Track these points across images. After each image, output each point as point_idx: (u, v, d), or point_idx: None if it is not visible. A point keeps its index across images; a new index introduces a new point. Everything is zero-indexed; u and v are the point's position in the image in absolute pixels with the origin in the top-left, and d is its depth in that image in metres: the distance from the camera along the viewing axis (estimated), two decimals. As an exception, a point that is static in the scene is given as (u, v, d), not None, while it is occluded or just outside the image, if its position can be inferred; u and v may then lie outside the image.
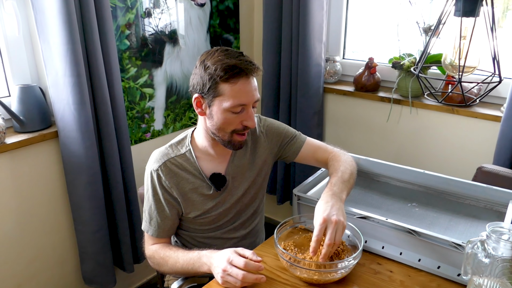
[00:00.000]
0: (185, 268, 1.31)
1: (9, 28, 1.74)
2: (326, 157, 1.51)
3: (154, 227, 1.40)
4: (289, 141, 1.54)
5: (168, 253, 1.36)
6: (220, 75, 1.24)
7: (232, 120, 1.30)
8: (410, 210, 1.49)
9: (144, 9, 2.04)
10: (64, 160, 1.82)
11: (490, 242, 1.01)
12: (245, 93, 1.28)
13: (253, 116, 1.33)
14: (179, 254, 1.33)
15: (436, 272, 1.22)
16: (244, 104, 1.29)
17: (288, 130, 1.56)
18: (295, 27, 2.28)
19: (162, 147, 1.43)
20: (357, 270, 1.25)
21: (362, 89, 2.32)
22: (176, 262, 1.33)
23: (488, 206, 1.48)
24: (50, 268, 1.98)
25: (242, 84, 1.26)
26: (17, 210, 1.81)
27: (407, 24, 2.15)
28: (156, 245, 1.41)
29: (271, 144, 1.53)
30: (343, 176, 1.36)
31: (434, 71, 2.20)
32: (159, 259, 1.38)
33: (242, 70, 1.25)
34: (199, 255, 1.28)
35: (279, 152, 1.55)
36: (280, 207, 2.83)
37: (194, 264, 1.29)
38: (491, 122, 1.97)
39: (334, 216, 1.18)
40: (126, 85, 2.05)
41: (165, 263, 1.36)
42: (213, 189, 1.41)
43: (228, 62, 1.25)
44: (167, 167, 1.38)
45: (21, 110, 1.75)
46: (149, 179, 1.39)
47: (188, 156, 1.41)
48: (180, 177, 1.38)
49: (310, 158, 1.55)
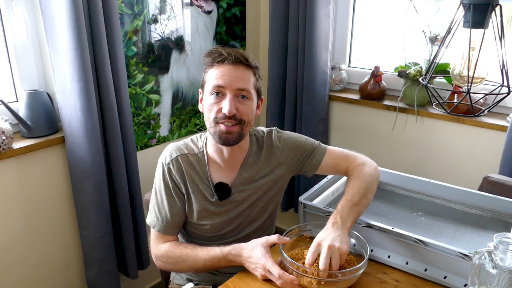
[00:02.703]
0: (208, 266, 1.32)
1: (18, 33, 1.75)
2: (346, 167, 1.48)
3: (163, 223, 1.39)
4: (309, 155, 1.49)
5: (185, 252, 1.35)
6: (206, 61, 1.32)
7: (211, 105, 1.30)
8: (416, 219, 1.49)
9: (151, 15, 2.05)
10: (71, 165, 1.83)
11: (498, 252, 1.00)
12: (225, 77, 1.28)
13: (232, 103, 1.28)
14: (198, 252, 1.33)
15: (443, 282, 1.22)
16: (221, 86, 1.28)
17: (306, 143, 1.50)
18: (301, 35, 2.29)
19: (178, 142, 1.44)
20: (363, 279, 1.25)
21: (368, 97, 2.32)
22: (197, 260, 1.33)
23: (495, 216, 1.48)
24: (54, 273, 1.98)
25: (224, 69, 1.29)
26: (23, 214, 1.81)
27: (413, 33, 2.15)
28: (168, 244, 1.39)
29: (288, 159, 1.48)
30: (352, 199, 1.32)
31: (439, 80, 2.20)
32: (175, 258, 1.35)
33: (225, 57, 1.29)
34: (223, 253, 1.30)
35: (298, 167, 1.51)
36: (284, 215, 2.82)
37: (219, 262, 1.30)
38: (497, 131, 1.97)
39: (328, 242, 1.17)
40: (133, 91, 2.06)
41: (183, 262, 1.34)
42: (215, 197, 1.40)
43: (212, 49, 1.33)
44: (178, 162, 1.39)
45: (28, 115, 1.75)
46: (160, 172, 1.40)
47: (200, 157, 1.41)
48: (188, 175, 1.39)
49: (331, 170, 1.52)
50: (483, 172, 1.85)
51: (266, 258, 1.21)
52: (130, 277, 2.10)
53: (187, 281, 1.54)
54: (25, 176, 1.78)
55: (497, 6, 1.24)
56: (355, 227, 1.30)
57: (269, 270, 1.19)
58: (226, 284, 1.24)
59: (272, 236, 1.27)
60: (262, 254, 1.22)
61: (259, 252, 1.23)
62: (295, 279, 1.17)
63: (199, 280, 1.53)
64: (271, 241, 1.26)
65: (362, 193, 1.35)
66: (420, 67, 2.14)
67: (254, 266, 1.24)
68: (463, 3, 1.36)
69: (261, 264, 1.21)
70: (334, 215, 1.27)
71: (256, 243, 1.26)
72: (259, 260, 1.22)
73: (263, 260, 1.21)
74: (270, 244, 1.26)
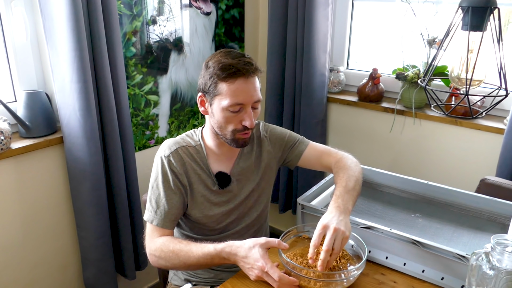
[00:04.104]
0: (201, 263, 1.28)
1: (17, 33, 1.75)
2: (330, 162, 1.52)
3: (160, 216, 1.36)
4: (292, 145, 1.56)
5: (178, 246, 1.30)
6: (218, 74, 1.29)
7: (231, 119, 1.33)
8: (413, 221, 1.50)
9: (150, 16, 2.06)
10: (69, 166, 1.83)
11: (495, 254, 1.01)
12: (243, 93, 1.30)
13: (252, 116, 1.33)
14: (192, 248, 1.29)
15: (440, 284, 1.22)
16: (241, 103, 1.30)
17: (291, 134, 1.59)
18: (300, 37, 2.29)
19: (172, 139, 1.45)
20: (361, 281, 1.25)
21: (366, 99, 2.33)
22: (189, 256, 1.28)
23: (492, 218, 1.49)
24: (52, 274, 1.98)
25: (239, 84, 1.29)
26: (20, 215, 1.81)
27: (411, 36, 2.16)
28: (163, 238, 1.35)
29: (274, 149, 1.55)
30: (347, 185, 1.35)
31: (436, 83, 2.20)
32: (168, 253, 1.31)
33: (238, 70, 1.28)
34: (216, 250, 1.25)
35: (283, 157, 1.57)
36: (282, 216, 2.83)
37: (213, 259, 1.26)
38: (494, 134, 1.97)
39: (334, 224, 1.18)
40: (132, 92, 2.06)
41: (175, 257, 1.30)
42: (217, 186, 1.43)
43: (225, 62, 1.29)
44: (178, 154, 1.40)
45: (27, 115, 1.75)
46: (159, 166, 1.39)
47: (198, 149, 1.44)
48: (189, 166, 1.40)
49: (314, 162, 1.56)
50: (480, 174, 1.86)
51: (265, 259, 1.18)
52: (127, 278, 2.10)
53: (185, 282, 1.54)
54: (23, 176, 1.78)
55: (495, 9, 1.25)
56: (353, 228, 1.31)
57: (267, 272, 1.16)
58: (224, 285, 1.24)
59: (272, 239, 1.23)
60: (260, 255, 1.19)
61: (257, 253, 1.19)
62: (296, 281, 1.17)
63: (197, 281, 1.53)
64: (271, 244, 1.22)
65: (354, 180, 1.39)
66: (418, 69, 2.15)
67: (249, 267, 1.20)
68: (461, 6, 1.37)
69: (259, 265, 1.18)
70: (335, 200, 1.29)
71: (254, 243, 1.21)
72: (257, 262, 1.18)
73: (261, 261, 1.18)
74: (269, 247, 1.23)
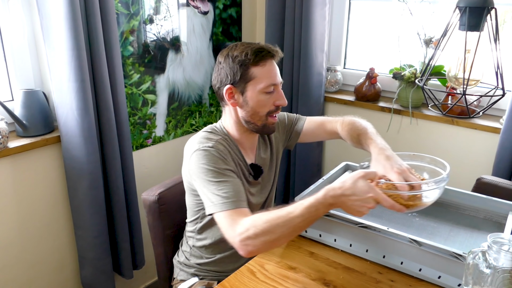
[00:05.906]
0: (306, 219, 1.14)
1: (15, 32, 1.75)
2: (334, 126, 1.58)
3: (234, 198, 1.25)
4: (293, 124, 1.65)
5: (272, 214, 1.16)
6: (250, 59, 1.34)
7: (265, 101, 1.38)
8: (410, 220, 1.50)
9: (147, 15, 2.06)
10: (66, 165, 1.83)
11: (492, 252, 1.02)
12: (274, 73, 1.38)
13: (283, 94, 1.41)
14: (288, 209, 1.16)
15: (437, 282, 1.23)
16: (275, 83, 1.38)
17: (288, 115, 1.67)
18: (297, 36, 2.30)
19: (198, 136, 1.40)
20: (358, 279, 1.25)
21: (363, 98, 2.33)
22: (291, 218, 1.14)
23: (488, 217, 1.49)
24: (49, 273, 1.98)
25: (270, 65, 1.37)
26: (17, 214, 1.81)
27: (408, 35, 2.17)
28: (248, 217, 1.21)
29: (279, 133, 1.62)
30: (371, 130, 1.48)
31: (433, 83, 2.21)
32: (264, 225, 1.15)
33: (269, 52, 1.36)
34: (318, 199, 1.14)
35: (287, 138, 1.65)
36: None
37: (317, 210, 1.14)
38: (490, 133, 1.98)
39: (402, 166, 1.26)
40: (129, 91, 2.06)
41: (275, 225, 1.14)
42: (251, 176, 1.47)
43: (255, 46, 1.36)
44: (221, 144, 1.38)
45: (24, 114, 1.75)
46: (206, 157, 1.31)
47: (229, 142, 1.44)
48: (230, 156, 1.40)
49: (318, 132, 1.63)
50: (477, 174, 1.87)
51: (374, 189, 1.12)
52: (125, 277, 2.10)
53: (191, 276, 1.54)
54: (21, 175, 1.78)
55: (492, 9, 1.25)
56: (350, 227, 1.31)
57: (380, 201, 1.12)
58: (222, 284, 1.25)
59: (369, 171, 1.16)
60: (369, 187, 1.12)
61: (364, 186, 1.12)
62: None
63: (204, 275, 1.53)
64: (371, 175, 1.15)
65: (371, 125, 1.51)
66: (415, 69, 2.15)
67: (360, 203, 1.12)
68: (459, 6, 1.38)
69: (372, 196, 1.11)
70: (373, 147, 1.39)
71: (353, 179, 1.13)
72: (367, 194, 1.11)
73: (373, 192, 1.11)
74: (368, 178, 1.15)
